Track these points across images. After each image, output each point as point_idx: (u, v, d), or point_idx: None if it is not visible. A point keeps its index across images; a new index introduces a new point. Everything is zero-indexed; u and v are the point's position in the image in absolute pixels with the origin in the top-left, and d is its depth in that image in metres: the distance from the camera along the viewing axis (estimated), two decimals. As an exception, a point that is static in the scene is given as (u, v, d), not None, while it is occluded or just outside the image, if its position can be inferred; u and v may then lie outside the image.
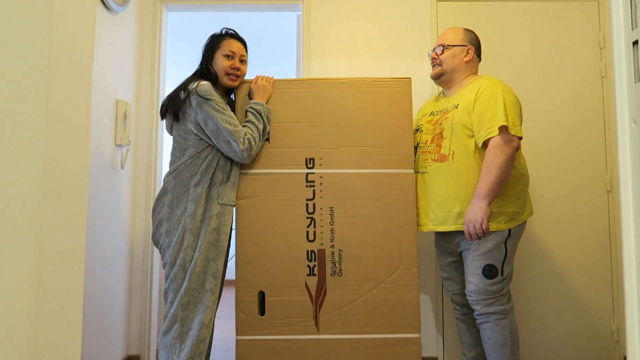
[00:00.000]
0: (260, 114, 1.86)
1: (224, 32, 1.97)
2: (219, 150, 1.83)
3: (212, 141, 1.81)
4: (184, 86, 1.84)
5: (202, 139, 1.82)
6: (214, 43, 1.94)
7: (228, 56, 1.90)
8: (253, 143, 1.81)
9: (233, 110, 1.94)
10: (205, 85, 1.80)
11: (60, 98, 1.07)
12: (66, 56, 1.09)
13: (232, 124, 1.78)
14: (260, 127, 1.85)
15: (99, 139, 2.21)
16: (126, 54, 2.48)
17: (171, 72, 3.57)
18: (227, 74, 1.90)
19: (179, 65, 3.99)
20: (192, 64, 2.02)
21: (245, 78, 1.98)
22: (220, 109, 1.77)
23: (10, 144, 1.01)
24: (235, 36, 1.97)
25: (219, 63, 1.90)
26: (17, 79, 1.02)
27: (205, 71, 1.92)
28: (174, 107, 1.83)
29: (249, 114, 1.87)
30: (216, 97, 1.79)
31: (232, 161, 1.87)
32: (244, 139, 1.78)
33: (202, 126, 1.79)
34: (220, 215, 1.81)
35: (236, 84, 1.93)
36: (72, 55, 1.12)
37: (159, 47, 2.67)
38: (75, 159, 1.13)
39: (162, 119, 1.93)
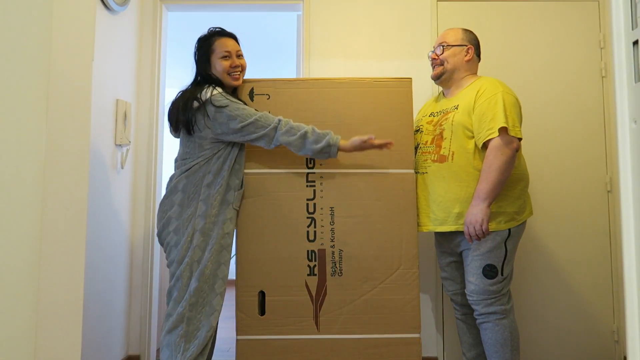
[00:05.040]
0: (323, 142, 1.79)
1: (211, 31, 1.91)
2: (233, 155, 1.82)
3: (240, 138, 1.79)
4: (194, 96, 1.79)
5: (216, 142, 1.80)
6: (205, 48, 1.88)
7: (225, 57, 1.86)
8: (282, 129, 1.78)
9: None
10: (217, 94, 1.78)
11: (60, 98, 1.07)
12: (66, 56, 1.09)
13: (253, 114, 1.77)
14: (300, 140, 1.79)
15: (99, 139, 2.21)
16: (126, 54, 2.48)
17: (171, 72, 3.57)
18: (229, 74, 1.87)
19: (179, 65, 3.99)
20: (192, 64, 2.00)
21: (244, 77, 1.95)
22: (240, 107, 1.77)
23: (10, 144, 1.01)
24: (224, 33, 1.91)
25: (218, 66, 1.86)
26: (17, 79, 1.02)
27: (205, 77, 1.87)
28: (185, 118, 1.78)
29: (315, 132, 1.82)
30: (230, 100, 1.78)
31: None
32: (276, 121, 1.78)
33: (225, 130, 1.77)
34: (233, 219, 1.83)
35: (240, 81, 1.91)
36: (72, 55, 1.12)
37: (159, 47, 2.67)
38: (75, 159, 1.13)
39: (176, 135, 1.89)
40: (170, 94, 2.17)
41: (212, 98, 1.76)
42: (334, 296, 1.88)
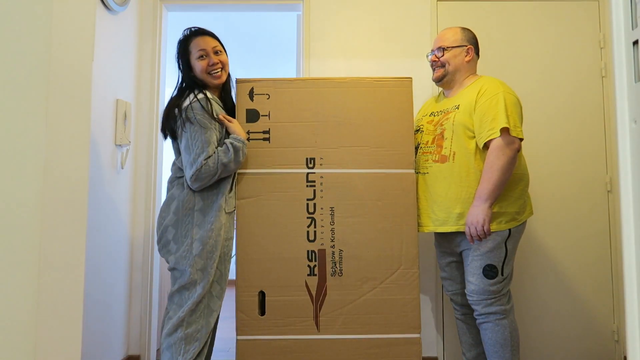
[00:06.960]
0: (234, 149, 1.78)
1: (186, 33, 1.89)
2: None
3: (179, 155, 1.81)
4: (177, 104, 1.79)
5: None
6: (183, 51, 1.87)
7: (201, 57, 1.84)
8: (205, 172, 1.73)
9: (233, 109, 1.93)
10: (190, 105, 1.75)
11: (60, 98, 1.07)
12: (66, 56, 1.09)
13: (201, 151, 1.72)
14: (226, 161, 1.75)
15: (99, 139, 2.21)
16: (126, 54, 2.48)
17: (171, 72, 3.56)
18: (209, 73, 1.84)
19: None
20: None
21: (244, 77, 1.94)
22: (198, 137, 1.73)
23: (10, 145, 1.01)
24: (199, 32, 1.88)
25: (197, 67, 1.84)
26: (17, 79, 1.02)
27: (189, 81, 1.86)
28: (170, 126, 1.80)
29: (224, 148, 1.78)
30: (199, 117, 1.74)
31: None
32: (199, 165, 1.72)
33: (179, 140, 1.79)
34: (227, 224, 1.82)
35: (223, 78, 1.88)
36: (72, 55, 1.12)
37: (159, 47, 2.67)
38: (75, 160, 1.13)
39: (164, 138, 1.90)
40: (170, 94, 2.16)
41: (187, 107, 1.75)
42: (334, 296, 1.88)
